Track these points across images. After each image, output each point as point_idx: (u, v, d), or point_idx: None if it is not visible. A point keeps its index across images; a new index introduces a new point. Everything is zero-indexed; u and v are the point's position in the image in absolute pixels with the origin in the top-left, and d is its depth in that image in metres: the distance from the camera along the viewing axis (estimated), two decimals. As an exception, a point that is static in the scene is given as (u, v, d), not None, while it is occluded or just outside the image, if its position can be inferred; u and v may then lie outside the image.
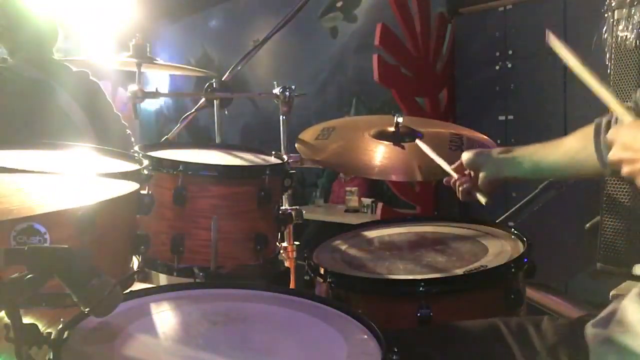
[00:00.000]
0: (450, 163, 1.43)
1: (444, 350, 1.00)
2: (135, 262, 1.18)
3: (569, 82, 3.26)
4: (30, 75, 2.23)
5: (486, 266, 1.29)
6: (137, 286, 1.13)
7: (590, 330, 0.95)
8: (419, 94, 3.76)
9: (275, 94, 1.79)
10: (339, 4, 4.88)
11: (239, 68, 1.93)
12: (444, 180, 1.45)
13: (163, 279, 1.77)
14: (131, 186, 1.01)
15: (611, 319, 0.93)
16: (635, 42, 2.08)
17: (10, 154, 1.21)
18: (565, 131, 3.29)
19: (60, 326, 0.77)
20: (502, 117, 3.55)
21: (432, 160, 1.49)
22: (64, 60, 2.35)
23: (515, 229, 1.48)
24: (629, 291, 0.94)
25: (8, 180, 1.04)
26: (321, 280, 1.31)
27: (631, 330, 0.88)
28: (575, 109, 3.24)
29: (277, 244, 1.56)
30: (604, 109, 0.98)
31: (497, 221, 1.70)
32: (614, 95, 0.93)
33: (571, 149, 1.20)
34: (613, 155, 0.88)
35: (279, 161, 1.54)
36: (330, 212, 4.34)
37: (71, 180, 1.08)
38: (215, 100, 1.98)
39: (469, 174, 1.37)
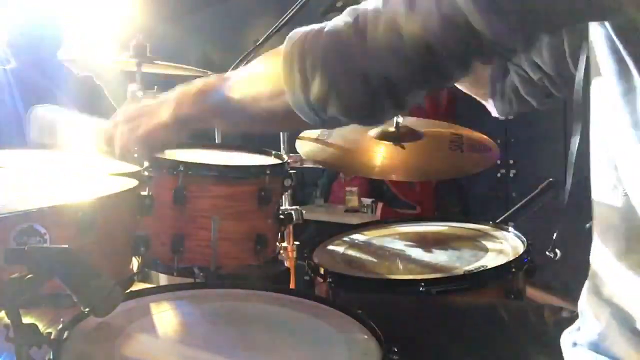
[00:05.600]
0: (451, 163, 1.42)
1: (441, 326, 1.01)
2: (135, 263, 1.18)
3: (569, 82, 3.26)
4: (31, 79, 2.23)
5: (486, 266, 1.29)
6: (137, 286, 1.13)
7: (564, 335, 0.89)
8: (419, 94, 3.76)
9: (275, 94, 1.78)
10: (339, 4, 4.87)
11: (239, 68, 1.93)
12: None
13: (163, 279, 1.77)
14: (130, 183, 1.01)
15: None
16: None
17: (11, 154, 1.21)
18: (565, 131, 3.31)
19: (60, 326, 0.77)
20: (502, 117, 3.54)
21: (432, 160, 1.49)
22: (65, 62, 2.35)
23: (515, 229, 1.48)
24: None
25: (8, 179, 1.04)
26: (321, 280, 1.31)
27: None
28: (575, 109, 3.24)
29: (277, 244, 1.56)
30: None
31: (497, 221, 1.71)
32: None
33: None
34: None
35: (279, 161, 1.54)
36: (330, 212, 4.33)
37: (70, 180, 1.09)
38: (215, 100, 1.97)
39: None
